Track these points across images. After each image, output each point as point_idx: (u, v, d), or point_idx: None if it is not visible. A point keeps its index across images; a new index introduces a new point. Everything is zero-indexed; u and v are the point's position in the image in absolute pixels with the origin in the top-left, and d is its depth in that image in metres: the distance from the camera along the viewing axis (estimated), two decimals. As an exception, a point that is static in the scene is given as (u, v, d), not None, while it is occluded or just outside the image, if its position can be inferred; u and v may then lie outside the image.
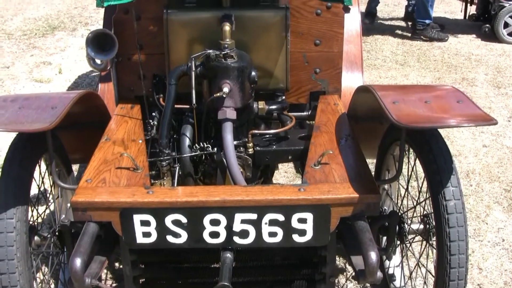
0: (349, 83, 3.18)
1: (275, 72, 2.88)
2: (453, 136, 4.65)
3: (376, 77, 5.99)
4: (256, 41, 2.80)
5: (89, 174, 2.30)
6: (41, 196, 2.61)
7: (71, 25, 7.77)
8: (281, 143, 2.70)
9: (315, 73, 3.03)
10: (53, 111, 2.22)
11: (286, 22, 2.79)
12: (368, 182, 2.23)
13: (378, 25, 7.64)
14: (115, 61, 2.97)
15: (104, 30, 2.82)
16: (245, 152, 2.60)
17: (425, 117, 2.10)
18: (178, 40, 2.81)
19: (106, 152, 2.48)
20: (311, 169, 2.32)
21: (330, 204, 2.13)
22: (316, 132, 2.64)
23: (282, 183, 3.98)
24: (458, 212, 2.14)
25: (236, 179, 2.39)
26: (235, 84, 2.49)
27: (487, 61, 6.44)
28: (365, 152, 2.53)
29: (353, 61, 3.33)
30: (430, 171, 2.21)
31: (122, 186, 2.23)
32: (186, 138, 2.59)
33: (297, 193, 2.14)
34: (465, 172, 4.17)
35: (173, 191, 2.18)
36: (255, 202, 2.12)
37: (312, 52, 2.99)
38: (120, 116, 2.84)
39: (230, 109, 2.49)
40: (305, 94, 3.07)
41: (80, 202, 2.14)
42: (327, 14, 2.94)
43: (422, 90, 2.44)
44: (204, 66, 2.54)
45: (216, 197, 2.12)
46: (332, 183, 2.21)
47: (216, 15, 2.73)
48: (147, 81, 2.97)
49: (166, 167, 2.55)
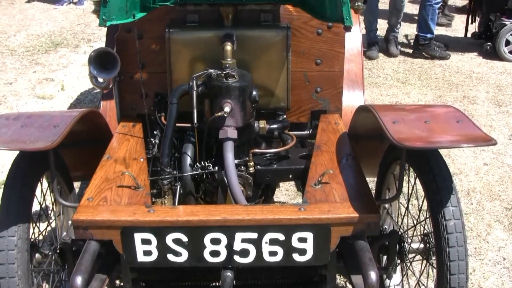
0: (350, 102, 3.20)
1: (276, 91, 2.90)
2: (454, 154, 4.66)
3: (377, 95, 6.01)
4: (257, 60, 2.83)
5: (91, 193, 2.32)
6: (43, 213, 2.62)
7: (74, 42, 7.80)
8: (282, 162, 2.71)
9: (316, 92, 3.05)
10: (55, 130, 2.24)
11: (288, 41, 2.82)
12: (368, 201, 2.24)
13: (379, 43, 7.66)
14: (117, 79, 2.98)
15: (106, 49, 2.84)
16: (246, 171, 2.61)
17: (425, 138, 2.12)
18: (180, 59, 2.84)
19: (108, 170, 2.50)
20: (311, 189, 2.33)
21: (330, 224, 2.14)
22: (317, 151, 2.66)
23: (283, 201, 3.99)
24: (458, 231, 2.14)
25: (237, 198, 2.40)
26: (236, 103, 2.51)
27: (488, 79, 6.45)
28: (365, 171, 2.54)
29: (354, 79, 3.36)
30: (430, 190, 2.22)
31: (123, 204, 2.24)
32: (187, 156, 2.61)
33: (298, 212, 2.15)
34: (466, 190, 4.17)
35: (174, 210, 2.20)
36: (256, 221, 2.13)
37: (313, 72, 3.01)
38: (122, 134, 2.86)
39: (231, 128, 2.50)
40: (306, 113, 3.09)
41: (81, 221, 2.15)
42: (328, 34, 2.97)
43: (422, 110, 2.46)
44: (205, 86, 2.56)
45: (217, 216, 2.13)
46: (332, 202, 2.23)
47: (217, 34, 2.76)
48: (149, 99, 2.99)
49: (167, 186, 2.56)
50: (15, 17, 9.11)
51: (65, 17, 9.12)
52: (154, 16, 2.85)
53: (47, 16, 9.15)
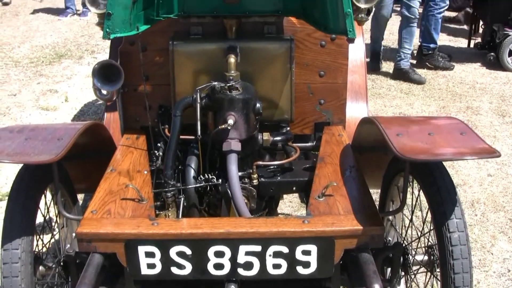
0: (354, 114, 3.20)
1: (280, 103, 2.90)
2: (458, 165, 4.66)
3: (381, 106, 6.02)
4: (261, 72, 2.83)
5: (95, 205, 2.32)
6: (46, 226, 2.62)
7: (77, 53, 7.84)
8: (286, 175, 2.71)
9: (319, 104, 3.05)
10: (59, 143, 2.24)
11: (291, 53, 2.83)
12: (372, 214, 2.24)
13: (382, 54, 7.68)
14: (121, 91, 2.99)
15: (110, 61, 2.85)
16: (250, 183, 2.61)
17: (429, 150, 2.12)
18: (183, 71, 2.85)
19: (112, 183, 2.50)
20: (315, 201, 2.33)
21: (334, 236, 2.14)
22: (321, 163, 2.66)
23: (287, 213, 3.99)
24: (462, 244, 2.14)
25: (241, 210, 2.40)
26: (240, 116, 2.52)
27: (492, 90, 6.46)
28: (369, 183, 2.54)
29: (358, 91, 3.36)
30: (434, 202, 2.22)
31: (127, 217, 2.24)
32: (191, 169, 2.61)
33: (301, 225, 2.15)
34: (470, 201, 4.17)
35: (177, 222, 2.20)
36: (259, 234, 2.13)
37: (316, 83, 3.02)
38: (126, 147, 2.87)
39: (235, 140, 2.51)
40: (310, 125, 3.09)
41: (85, 233, 2.15)
42: (332, 46, 2.98)
43: (426, 122, 2.46)
44: (209, 98, 2.56)
45: (221, 229, 2.13)
46: (336, 215, 2.23)
47: (221, 46, 2.77)
48: (153, 111, 2.99)
49: (171, 198, 2.57)
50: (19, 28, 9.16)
51: (69, 28, 9.17)
52: (157, 29, 2.86)
53: (51, 28, 9.20)
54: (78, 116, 5.83)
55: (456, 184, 4.13)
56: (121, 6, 2.37)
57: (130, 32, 2.50)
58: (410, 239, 2.58)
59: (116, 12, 2.35)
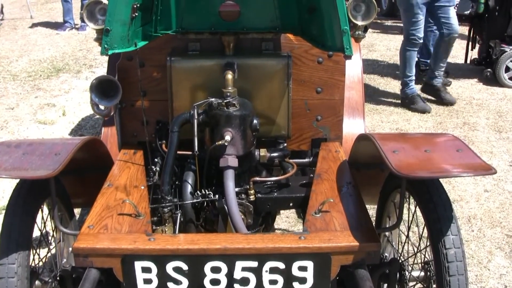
0: (351, 130, 3.22)
1: (277, 120, 2.92)
2: (454, 181, 4.67)
3: (378, 121, 6.04)
4: (258, 89, 2.85)
5: (91, 220, 2.32)
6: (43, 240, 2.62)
7: (75, 67, 7.86)
8: (283, 191, 2.72)
9: (316, 121, 3.06)
10: (57, 158, 2.25)
11: (288, 70, 2.84)
12: (368, 230, 2.24)
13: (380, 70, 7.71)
14: (119, 107, 3.01)
15: (108, 77, 2.86)
16: (247, 199, 2.62)
17: (425, 167, 2.13)
18: (181, 87, 2.86)
19: (109, 198, 2.51)
20: (311, 217, 2.34)
21: (331, 253, 2.14)
22: (317, 179, 2.67)
23: (283, 228, 3.99)
24: (458, 260, 2.15)
25: (237, 226, 2.41)
26: (237, 132, 2.53)
27: (489, 106, 6.49)
28: (366, 199, 2.55)
29: (355, 107, 3.38)
30: (431, 219, 2.22)
31: (123, 232, 2.25)
32: (188, 185, 2.62)
33: (298, 241, 2.15)
34: (466, 217, 4.17)
35: (174, 238, 2.20)
36: (256, 250, 2.13)
37: (313, 100, 3.03)
38: (123, 162, 2.87)
39: (232, 156, 2.52)
40: (307, 141, 3.10)
41: (81, 248, 2.15)
42: (329, 63, 2.99)
43: (422, 139, 2.48)
44: (206, 114, 2.58)
45: (217, 245, 2.14)
46: (332, 231, 2.23)
47: (219, 63, 2.79)
48: (150, 127, 3.00)
49: (168, 214, 2.57)
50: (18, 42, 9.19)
51: (67, 42, 9.20)
52: (155, 45, 2.88)
53: (49, 42, 9.23)
54: (75, 130, 5.84)
55: (453, 200, 4.14)
56: (119, 22, 2.39)
57: (128, 48, 2.52)
58: (406, 255, 2.59)
59: (114, 28, 2.37)
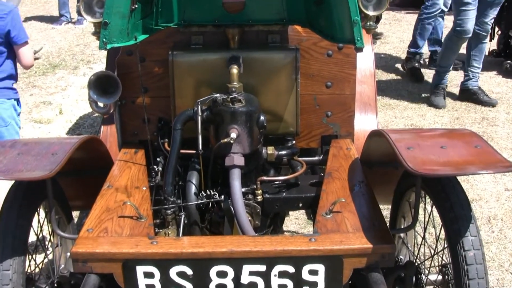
0: (363, 126, 3.21)
1: (284, 116, 2.92)
2: (473, 179, 4.66)
3: (391, 117, 6.03)
4: (265, 84, 2.85)
5: (90, 223, 2.33)
6: (39, 245, 2.63)
7: (72, 63, 7.87)
8: (291, 190, 2.72)
9: (326, 117, 3.06)
10: (54, 158, 2.26)
11: (296, 63, 2.84)
12: (382, 231, 2.24)
13: (392, 63, 7.69)
14: (119, 104, 3.01)
15: (107, 72, 2.87)
16: (254, 199, 2.62)
17: (441, 164, 2.12)
18: (184, 83, 2.86)
19: (109, 200, 2.51)
20: (322, 218, 2.34)
21: (343, 255, 2.14)
22: (328, 178, 2.67)
23: (292, 230, 3.99)
24: (478, 263, 2.14)
25: (244, 228, 2.41)
26: (243, 129, 2.53)
27: (509, 99, 6.46)
28: (379, 198, 2.55)
29: (367, 102, 3.37)
30: (448, 219, 2.22)
31: (124, 236, 2.25)
32: (192, 185, 2.62)
33: (308, 243, 2.15)
34: (486, 217, 4.17)
35: (178, 241, 2.21)
36: (264, 253, 2.13)
37: (323, 95, 3.03)
38: (123, 162, 2.88)
39: (238, 155, 2.52)
40: (316, 138, 3.10)
41: (80, 253, 2.16)
42: (339, 55, 2.99)
43: (438, 135, 2.47)
44: (210, 111, 2.58)
45: (223, 248, 2.14)
46: (344, 233, 2.23)
47: (223, 57, 2.79)
48: (152, 125, 3.01)
49: (171, 216, 2.58)
50: (11, 38, 9.18)
51: (63, 37, 9.21)
52: (156, 39, 2.88)
53: (44, 36, 9.24)
54: (73, 130, 5.85)
55: (471, 199, 4.13)
56: (118, 15, 2.39)
57: (127, 42, 2.52)
58: (423, 257, 2.59)
59: (113, 21, 2.37)
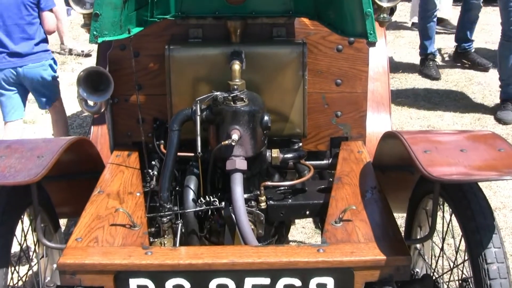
0: (375, 127, 3.22)
1: (290, 116, 2.92)
2: (495, 186, 4.65)
3: (406, 118, 6.03)
4: (269, 81, 2.86)
5: (80, 232, 2.33)
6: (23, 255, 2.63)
7: (60, 58, 7.85)
8: (298, 197, 2.73)
9: (336, 117, 3.07)
10: (40, 161, 2.26)
11: (303, 59, 2.85)
12: (397, 242, 2.25)
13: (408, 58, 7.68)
14: (110, 102, 3.02)
15: (98, 68, 2.87)
16: (257, 206, 2.63)
17: (461, 169, 2.12)
18: (181, 80, 2.87)
19: (99, 206, 2.52)
20: (331, 227, 2.34)
21: (353, 268, 2.15)
22: (337, 184, 2.67)
23: (299, 240, 3.99)
24: (502, 277, 2.14)
25: (247, 237, 2.41)
26: (245, 130, 2.54)
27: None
28: (393, 206, 2.55)
29: (380, 101, 3.38)
30: (468, 229, 2.22)
31: (117, 245, 2.26)
32: (190, 190, 2.63)
33: (316, 254, 2.16)
34: (510, 228, 4.16)
35: (174, 252, 2.21)
36: (268, 264, 2.14)
37: (332, 93, 3.04)
38: (116, 165, 2.88)
39: (240, 158, 2.53)
40: (325, 140, 3.11)
41: (68, 264, 2.16)
42: (349, 50, 2.99)
43: (457, 137, 2.48)
44: (210, 110, 2.59)
45: (224, 259, 2.14)
46: (355, 243, 2.24)
47: (224, 52, 2.79)
48: (147, 125, 3.02)
49: (167, 224, 2.58)
50: (-6, 30, 9.19)
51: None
52: (152, 32, 2.89)
53: (29, 29, 9.21)
54: (60, 131, 5.83)
55: (494, 207, 4.12)
56: (111, 5, 2.40)
57: (120, 35, 2.53)
58: (441, 271, 2.59)
59: (105, 13, 2.38)
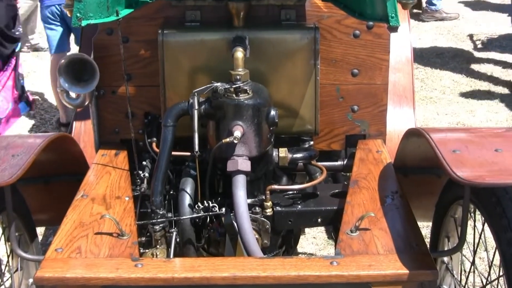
0: (397, 124, 3.22)
1: (300, 111, 2.93)
2: (534, 191, 4.64)
3: (432, 114, 6.03)
4: (276, 71, 2.86)
5: (60, 242, 2.34)
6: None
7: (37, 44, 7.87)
8: (308, 202, 2.73)
9: (352, 112, 3.07)
10: (14, 161, 2.27)
11: (315, 46, 2.85)
12: (421, 254, 2.25)
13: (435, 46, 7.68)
14: (96, 94, 3.02)
15: (81, 55, 2.88)
16: (262, 213, 2.63)
17: (495, 172, 2.13)
18: (176, 69, 2.88)
19: (83, 212, 2.52)
20: (346, 237, 2.35)
21: (371, 283, 2.15)
22: (354, 188, 2.68)
23: (309, 252, 4.00)
24: (541, 295, 2.15)
25: (250, 248, 2.42)
26: (249, 126, 2.55)
27: None
28: (417, 214, 2.56)
29: (402, 95, 3.38)
30: (504, 240, 2.22)
31: (102, 257, 2.26)
32: (186, 195, 2.63)
33: (329, 267, 2.16)
34: (551, 239, 4.15)
35: (168, 264, 2.22)
36: (274, 279, 2.14)
37: (348, 85, 3.04)
38: (101, 166, 2.89)
39: (242, 158, 2.53)
40: (339, 138, 3.12)
41: (46, 278, 2.16)
42: (368, 36, 3.00)
43: (491, 135, 2.48)
44: (210, 104, 2.59)
45: (224, 272, 2.15)
46: (374, 255, 2.24)
47: (225, 37, 2.80)
48: (137, 121, 3.03)
49: (160, 233, 2.59)
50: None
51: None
52: (143, 14, 2.90)
53: (2, 11, 9.23)
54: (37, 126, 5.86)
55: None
56: (97, -16, 2.41)
57: (107, 18, 2.53)
58: (472, 287, 2.59)
59: None
